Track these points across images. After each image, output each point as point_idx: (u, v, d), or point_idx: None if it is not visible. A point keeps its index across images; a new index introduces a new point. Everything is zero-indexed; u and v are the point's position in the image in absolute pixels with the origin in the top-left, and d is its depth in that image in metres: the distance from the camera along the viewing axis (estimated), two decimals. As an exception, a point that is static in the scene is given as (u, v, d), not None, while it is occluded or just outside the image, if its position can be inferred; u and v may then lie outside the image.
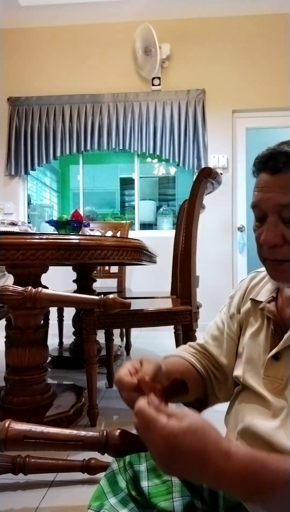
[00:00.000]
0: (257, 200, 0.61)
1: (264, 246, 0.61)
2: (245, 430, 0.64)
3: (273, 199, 0.58)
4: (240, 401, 0.70)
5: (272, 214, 0.59)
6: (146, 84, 3.88)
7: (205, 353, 0.79)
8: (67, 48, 3.98)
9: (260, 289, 0.74)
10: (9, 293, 1.25)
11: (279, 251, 0.60)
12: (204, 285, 2.68)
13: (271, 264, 0.62)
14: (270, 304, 0.68)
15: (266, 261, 0.63)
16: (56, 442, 0.59)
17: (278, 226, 0.59)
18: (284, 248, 0.59)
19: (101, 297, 1.32)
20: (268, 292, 0.71)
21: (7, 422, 0.61)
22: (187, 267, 1.67)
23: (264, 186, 0.60)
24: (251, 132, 3.94)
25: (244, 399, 0.68)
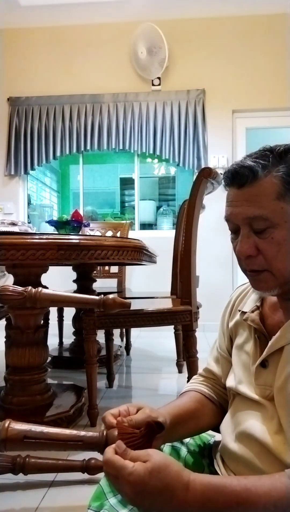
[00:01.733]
0: (228, 215, 0.63)
1: (241, 258, 0.63)
2: (242, 433, 0.64)
3: (242, 213, 0.60)
4: (235, 409, 0.70)
5: (243, 227, 0.61)
6: (146, 84, 3.88)
7: (212, 378, 0.81)
8: (67, 48, 3.98)
9: (245, 300, 0.75)
10: (9, 293, 1.25)
11: (254, 262, 0.62)
12: (204, 285, 2.68)
13: (250, 275, 0.64)
14: (254, 314, 0.70)
15: (246, 273, 0.65)
16: (56, 442, 0.60)
17: (250, 237, 0.61)
18: (258, 258, 0.61)
19: (100, 297, 1.32)
20: (253, 302, 0.72)
21: (7, 422, 0.61)
22: (187, 267, 1.67)
23: (233, 201, 0.62)
24: (251, 132, 3.94)
25: (239, 406, 0.69)
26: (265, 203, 0.58)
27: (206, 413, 0.75)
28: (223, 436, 0.70)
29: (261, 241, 0.60)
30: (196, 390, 0.78)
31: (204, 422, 0.75)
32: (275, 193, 0.58)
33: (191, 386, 0.80)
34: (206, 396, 0.77)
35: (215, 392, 0.79)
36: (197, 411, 0.73)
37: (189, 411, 0.72)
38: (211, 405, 0.77)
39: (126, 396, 2.02)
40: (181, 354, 2.36)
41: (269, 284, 0.62)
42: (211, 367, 0.82)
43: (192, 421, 0.72)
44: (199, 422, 0.73)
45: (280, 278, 0.61)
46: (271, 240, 0.59)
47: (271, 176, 0.59)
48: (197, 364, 1.63)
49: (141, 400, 1.95)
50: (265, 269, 0.61)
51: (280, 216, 0.58)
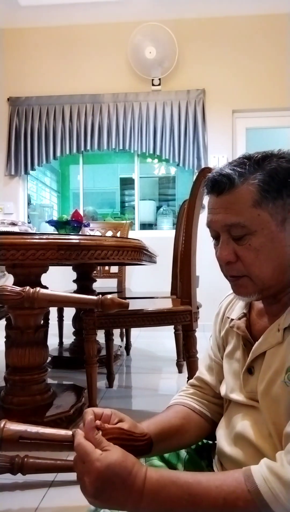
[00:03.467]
0: (209, 222, 0.65)
1: (221, 263, 0.65)
2: (237, 436, 0.64)
3: (220, 220, 0.62)
4: (229, 413, 0.70)
5: (223, 233, 0.63)
6: (146, 84, 3.87)
7: (203, 387, 0.80)
8: (67, 48, 3.98)
9: (233, 307, 0.76)
10: (7, 293, 1.25)
11: (233, 268, 0.63)
12: (204, 285, 2.68)
13: (231, 280, 0.66)
14: (240, 321, 0.70)
15: (228, 279, 0.67)
16: (51, 442, 0.59)
17: (229, 244, 0.62)
18: (237, 264, 0.62)
19: (99, 297, 1.32)
20: (240, 309, 0.73)
21: (2, 423, 0.60)
22: (187, 267, 1.67)
23: (212, 208, 0.64)
24: (251, 132, 3.94)
25: (233, 410, 0.68)
26: (242, 210, 0.59)
27: (191, 429, 0.73)
28: (219, 439, 0.70)
29: (240, 248, 0.61)
30: (183, 404, 0.76)
31: (189, 439, 0.73)
32: (252, 200, 0.59)
33: (178, 400, 0.78)
34: (194, 410, 0.75)
35: (204, 405, 0.77)
36: (181, 427, 0.72)
37: (173, 428, 0.71)
38: (198, 419, 0.75)
39: (126, 396, 2.02)
40: (181, 354, 2.36)
41: (248, 289, 0.63)
42: (203, 375, 0.81)
43: (175, 438, 0.71)
44: (182, 438, 0.72)
45: (259, 283, 0.62)
46: (249, 247, 0.60)
47: (248, 184, 0.59)
48: (197, 364, 1.63)
49: (141, 400, 1.95)
50: (244, 274, 0.63)
51: (257, 223, 0.59)
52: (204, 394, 0.79)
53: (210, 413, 0.76)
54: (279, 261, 0.61)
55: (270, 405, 0.59)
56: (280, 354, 0.60)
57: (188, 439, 0.73)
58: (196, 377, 0.82)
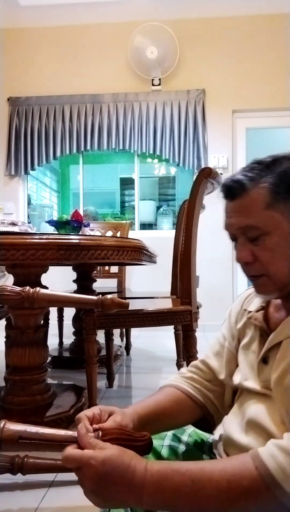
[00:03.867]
0: (225, 225, 0.69)
1: (241, 264, 0.67)
2: (249, 422, 0.65)
3: (235, 223, 0.65)
4: (242, 401, 0.71)
5: (239, 236, 0.66)
6: (146, 84, 3.87)
7: (204, 372, 0.80)
8: (67, 48, 3.98)
9: (252, 300, 0.78)
10: (7, 293, 1.25)
11: (252, 268, 0.66)
12: (204, 285, 2.68)
13: (252, 281, 0.68)
14: (258, 313, 0.73)
15: (249, 278, 0.69)
16: (51, 443, 0.59)
17: (246, 245, 0.65)
18: (256, 264, 0.65)
19: (99, 297, 1.32)
20: (258, 302, 0.75)
21: (2, 423, 0.60)
22: (187, 267, 1.67)
23: (228, 212, 0.67)
24: (251, 132, 3.94)
25: (246, 398, 0.70)
26: (255, 213, 0.62)
27: (181, 412, 0.75)
28: (228, 429, 0.70)
29: (256, 248, 0.64)
30: (176, 387, 0.78)
31: (177, 421, 0.75)
32: (264, 202, 0.62)
33: (172, 382, 0.79)
34: (186, 394, 0.76)
35: (198, 390, 0.78)
36: (170, 411, 0.73)
37: (161, 411, 0.72)
38: (190, 403, 0.76)
39: (126, 396, 2.02)
40: (181, 354, 2.36)
41: (268, 288, 0.66)
42: (209, 359, 0.81)
43: (162, 421, 0.72)
44: (171, 421, 0.73)
45: (278, 282, 0.64)
46: (265, 247, 0.63)
47: (259, 188, 0.62)
48: (197, 364, 1.63)
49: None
50: (263, 274, 0.65)
51: (271, 224, 0.62)
52: (202, 380, 0.79)
53: (203, 399, 0.77)
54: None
55: (283, 394, 0.60)
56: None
57: (177, 422, 0.75)
58: (201, 360, 0.82)
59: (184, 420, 0.76)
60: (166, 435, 0.76)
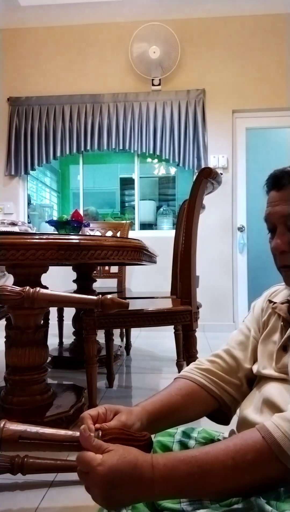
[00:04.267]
0: (267, 214, 0.71)
1: (276, 254, 0.69)
2: (265, 401, 0.67)
3: (279, 211, 0.68)
4: (259, 385, 0.72)
5: (280, 225, 0.69)
6: (146, 84, 3.87)
7: (228, 361, 0.79)
8: (67, 48, 3.98)
9: (278, 293, 0.80)
10: (6, 293, 1.25)
11: (287, 258, 0.68)
12: (204, 285, 2.68)
13: (283, 271, 0.70)
14: (283, 305, 0.74)
15: (281, 270, 0.71)
16: (51, 443, 0.59)
17: (285, 234, 0.68)
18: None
19: (99, 297, 1.32)
20: (284, 296, 0.77)
21: (2, 423, 0.60)
22: (187, 267, 1.67)
23: (272, 201, 0.70)
24: (251, 132, 3.94)
25: (264, 383, 0.71)
26: None
27: (195, 406, 0.74)
28: (243, 410, 0.71)
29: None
30: (190, 379, 0.77)
31: (190, 415, 0.74)
32: None
33: (187, 373, 0.79)
34: (200, 385, 0.75)
35: (215, 383, 0.76)
36: (182, 405, 0.72)
37: (173, 406, 0.72)
38: (204, 395, 0.75)
39: (126, 396, 2.02)
40: (181, 354, 2.36)
41: None
42: (233, 349, 0.80)
43: (174, 416, 0.72)
44: (183, 415, 0.73)
45: None
46: None
47: None
48: (197, 364, 1.63)
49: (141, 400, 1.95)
50: None
51: None
52: (219, 372, 0.78)
53: (219, 391, 0.76)
54: None
55: None
56: None
57: (189, 416, 0.74)
58: (226, 350, 0.81)
59: (197, 413, 0.76)
60: (176, 432, 0.76)
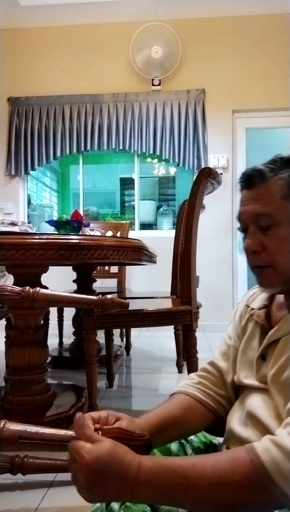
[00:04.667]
0: (239, 214, 0.69)
1: (248, 254, 0.68)
2: (248, 415, 0.66)
3: (250, 211, 0.67)
4: (243, 396, 0.72)
5: (251, 224, 0.67)
6: (146, 84, 3.87)
7: (213, 375, 0.80)
8: (67, 48, 3.98)
9: (255, 297, 0.79)
10: (7, 293, 1.25)
11: (259, 258, 0.67)
12: (204, 285, 2.68)
13: (256, 271, 0.69)
14: (260, 311, 0.73)
15: (254, 270, 0.69)
16: (51, 442, 0.59)
17: (256, 234, 0.66)
18: (263, 254, 0.66)
19: (99, 297, 1.32)
20: (261, 300, 0.76)
21: (2, 423, 0.60)
22: (187, 267, 1.67)
23: (244, 200, 0.68)
24: (251, 132, 3.94)
25: (247, 393, 0.70)
26: (271, 201, 0.64)
27: (192, 419, 0.74)
28: (230, 422, 0.71)
29: (266, 238, 0.65)
30: (186, 393, 0.77)
31: (190, 428, 0.74)
32: (280, 192, 0.64)
33: (183, 388, 0.79)
34: (197, 400, 0.76)
35: (209, 395, 0.77)
36: (182, 418, 0.73)
37: (173, 419, 0.72)
38: (201, 409, 0.76)
39: (126, 396, 2.02)
40: (181, 354, 2.36)
41: (272, 280, 0.66)
42: (217, 360, 0.81)
43: (174, 429, 0.71)
44: (183, 429, 0.73)
45: (282, 274, 0.65)
46: (275, 237, 0.65)
47: (278, 178, 0.65)
48: (197, 364, 1.63)
49: (141, 400, 1.95)
50: (269, 265, 0.66)
51: (284, 214, 0.64)
52: (211, 385, 0.79)
53: (214, 403, 0.77)
54: None
55: (280, 390, 0.61)
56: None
57: (189, 429, 0.74)
58: (210, 362, 0.82)
59: (196, 427, 0.75)
60: None
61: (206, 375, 0.81)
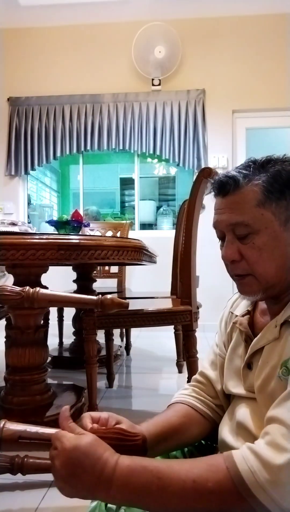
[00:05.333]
0: (215, 222, 0.67)
1: (226, 263, 0.66)
2: (238, 425, 0.66)
3: (225, 220, 0.64)
4: (233, 405, 0.71)
5: (228, 233, 0.65)
6: (146, 84, 3.87)
7: (204, 384, 0.80)
8: (67, 48, 3.98)
9: (239, 303, 0.77)
10: (6, 293, 1.25)
11: (238, 266, 0.64)
12: (204, 285, 2.68)
13: (236, 279, 0.67)
14: (244, 317, 0.72)
15: (234, 278, 0.67)
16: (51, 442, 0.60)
17: (234, 243, 0.64)
18: (242, 263, 0.64)
19: (99, 297, 1.32)
20: (244, 307, 0.74)
21: (2, 423, 0.60)
22: (187, 267, 1.67)
23: (218, 209, 0.66)
24: (251, 132, 3.94)
25: (236, 403, 0.70)
26: (246, 210, 0.62)
27: (192, 427, 0.74)
28: (221, 431, 0.70)
29: (244, 247, 0.63)
30: (184, 403, 0.77)
31: (189, 437, 0.74)
32: (255, 200, 0.61)
33: (179, 398, 0.79)
34: (194, 408, 0.76)
35: (204, 403, 0.77)
36: (181, 426, 0.72)
37: (173, 428, 0.71)
38: (199, 417, 0.75)
39: (126, 396, 2.02)
40: (181, 354, 2.36)
41: (253, 288, 0.64)
42: (205, 370, 0.81)
43: (175, 437, 0.71)
44: (183, 437, 0.72)
45: (263, 282, 0.63)
46: (253, 246, 0.62)
47: (252, 185, 0.62)
48: (197, 364, 1.63)
49: (141, 400, 1.95)
50: (249, 273, 0.64)
51: (260, 222, 0.61)
52: (204, 393, 0.79)
53: (209, 411, 0.77)
54: (282, 260, 0.62)
55: (267, 400, 0.60)
56: (277, 350, 0.61)
57: (189, 438, 0.74)
58: (200, 372, 0.82)
59: (195, 435, 0.75)
60: None
61: (197, 385, 0.81)
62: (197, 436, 0.75)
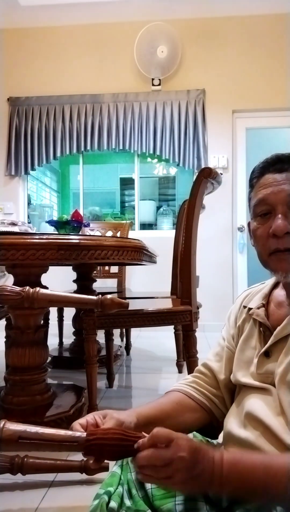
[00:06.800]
0: (266, 195, 0.67)
1: (270, 239, 0.66)
2: (247, 415, 0.67)
3: (284, 191, 0.66)
4: (241, 397, 0.72)
5: (282, 206, 0.66)
6: (146, 84, 3.87)
7: (206, 375, 0.82)
8: (67, 48, 3.98)
9: (252, 298, 0.79)
10: (6, 293, 1.25)
11: (288, 240, 0.65)
12: (204, 285, 2.68)
13: (282, 255, 0.66)
14: (259, 310, 0.74)
15: (272, 256, 0.67)
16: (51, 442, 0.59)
17: (288, 215, 0.66)
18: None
19: (99, 297, 1.32)
20: (259, 300, 0.76)
21: (2, 423, 0.60)
22: (187, 267, 1.67)
23: (273, 182, 0.67)
24: (251, 132, 3.94)
25: (244, 394, 0.71)
26: None
27: (185, 413, 0.76)
28: (227, 425, 0.71)
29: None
30: (179, 391, 0.79)
31: (183, 423, 0.75)
32: None
33: (176, 387, 0.81)
34: (189, 397, 0.78)
35: (201, 393, 0.79)
36: (173, 411, 0.74)
37: (164, 412, 0.73)
38: (193, 405, 0.77)
39: (126, 396, 2.02)
40: (181, 354, 2.36)
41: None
42: (209, 361, 0.83)
43: (167, 421, 0.72)
44: (174, 422, 0.73)
45: None
46: None
47: None
48: (197, 364, 1.63)
49: (141, 400, 1.95)
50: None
51: None
52: (205, 384, 0.81)
53: (207, 402, 0.78)
54: None
55: (288, 386, 0.62)
56: None
57: (182, 424, 0.75)
58: (203, 363, 0.84)
59: (189, 423, 0.76)
60: None
61: (199, 375, 0.82)
62: (192, 424, 0.76)
